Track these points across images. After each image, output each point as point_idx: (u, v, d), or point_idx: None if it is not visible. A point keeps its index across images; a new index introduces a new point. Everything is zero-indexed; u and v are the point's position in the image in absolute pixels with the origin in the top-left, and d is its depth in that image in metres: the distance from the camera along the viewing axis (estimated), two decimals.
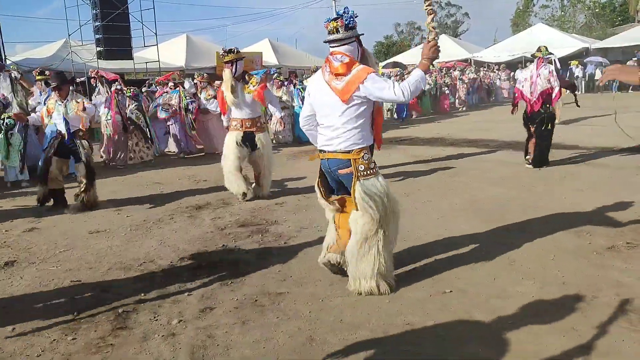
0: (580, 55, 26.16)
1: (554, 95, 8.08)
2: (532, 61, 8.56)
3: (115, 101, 10.22)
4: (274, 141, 11.62)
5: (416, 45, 41.19)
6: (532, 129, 8.29)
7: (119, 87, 10.69)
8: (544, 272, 4.06)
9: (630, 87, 22.80)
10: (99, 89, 11.86)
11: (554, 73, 8.17)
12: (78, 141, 6.56)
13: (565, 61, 23.82)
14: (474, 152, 10.31)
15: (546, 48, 8.44)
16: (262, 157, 6.95)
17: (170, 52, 21.39)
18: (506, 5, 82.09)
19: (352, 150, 3.66)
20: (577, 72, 24.81)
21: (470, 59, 28.14)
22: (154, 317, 3.58)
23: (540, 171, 8.02)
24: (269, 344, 3.16)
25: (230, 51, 6.80)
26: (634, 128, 8.47)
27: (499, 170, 8.27)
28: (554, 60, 8.47)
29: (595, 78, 25.34)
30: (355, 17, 3.69)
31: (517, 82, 8.86)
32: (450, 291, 3.78)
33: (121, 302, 3.83)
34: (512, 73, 23.75)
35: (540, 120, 8.14)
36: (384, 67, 26.61)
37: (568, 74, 23.46)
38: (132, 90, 10.66)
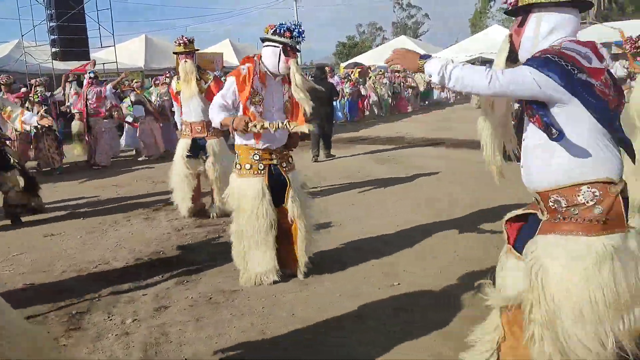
0: None
1: None
2: (490, 61, 8.87)
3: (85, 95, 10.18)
4: None
5: (377, 46, 41.65)
6: None
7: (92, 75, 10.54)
8: (487, 263, 4.25)
9: None
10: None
11: None
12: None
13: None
14: (431, 151, 10.59)
15: None
16: (212, 169, 5.94)
17: (129, 53, 21.09)
18: (466, 6, 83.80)
19: None
20: None
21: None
22: (108, 317, 3.61)
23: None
24: (221, 339, 3.25)
25: (190, 41, 5.92)
26: None
27: (454, 167, 8.52)
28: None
29: None
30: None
31: None
32: (399, 284, 3.94)
33: (75, 304, 3.84)
34: None
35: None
36: (345, 67, 26.91)
37: None
38: (39, 95, 10.23)
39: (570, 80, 1.95)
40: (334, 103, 12.91)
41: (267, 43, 3.92)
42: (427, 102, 23.18)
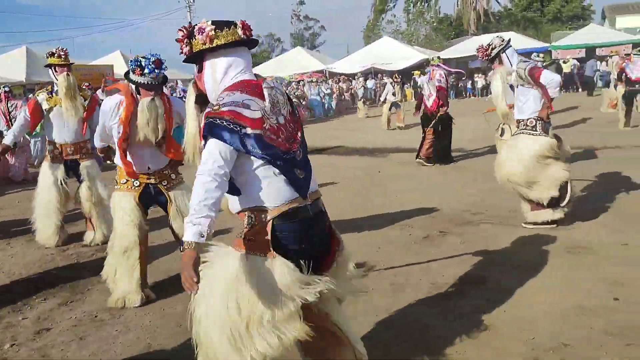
0: (423, 66, 28.61)
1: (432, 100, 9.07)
2: (382, 71, 9.52)
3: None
4: None
5: (277, 56, 42.01)
6: (429, 130, 9.15)
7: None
8: (368, 261, 4.57)
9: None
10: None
11: (444, 79, 9.18)
12: None
13: (409, 71, 25.94)
14: (324, 159, 10.97)
15: (439, 57, 9.59)
16: (88, 194, 5.40)
17: (8, 65, 19.74)
18: (361, 18, 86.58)
19: None
20: (420, 81, 27.11)
21: (325, 70, 29.47)
22: None
23: (378, 175, 8.80)
24: (105, 355, 3.25)
25: (65, 54, 5.35)
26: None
27: (343, 173, 8.91)
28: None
29: None
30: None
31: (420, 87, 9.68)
32: None
33: None
34: (370, 81, 25.44)
35: (439, 120, 9.05)
36: None
37: (412, 83, 25.56)
38: None
39: (237, 139, 2.07)
40: None
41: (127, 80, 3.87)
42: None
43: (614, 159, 8.18)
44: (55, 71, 5.35)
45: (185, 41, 2.27)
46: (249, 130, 2.09)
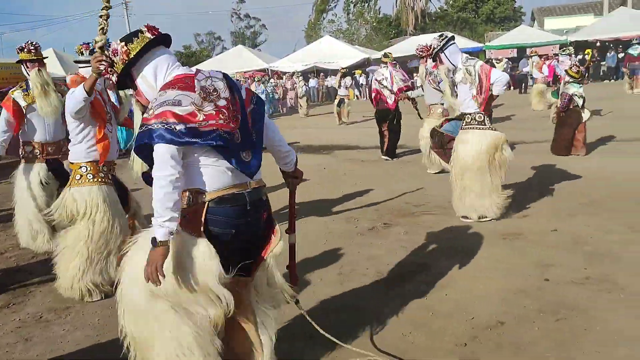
0: (363, 65, 29.11)
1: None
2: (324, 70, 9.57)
3: None
4: None
5: (217, 55, 41.53)
6: (385, 126, 9.34)
7: None
8: (315, 254, 4.69)
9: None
10: None
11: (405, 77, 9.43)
12: None
13: (350, 70, 26.35)
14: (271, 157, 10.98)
15: (391, 54, 9.75)
16: None
17: None
18: (304, 17, 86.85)
19: None
20: (362, 80, 27.60)
21: (268, 69, 29.44)
22: None
23: (323, 171, 8.95)
24: (53, 355, 3.20)
25: (36, 48, 4.95)
26: None
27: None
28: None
29: None
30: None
31: (375, 83, 9.56)
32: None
33: None
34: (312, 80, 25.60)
35: (392, 116, 9.26)
36: None
37: (353, 82, 25.95)
38: None
39: (176, 136, 2.14)
40: None
41: (81, 64, 4.15)
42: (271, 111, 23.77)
43: (544, 152, 8.68)
44: (27, 67, 5.00)
45: (110, 70, 2.42)
46: (182, 127, 2.15)
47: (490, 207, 5.27)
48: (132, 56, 2.33)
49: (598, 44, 25.60)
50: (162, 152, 2.14)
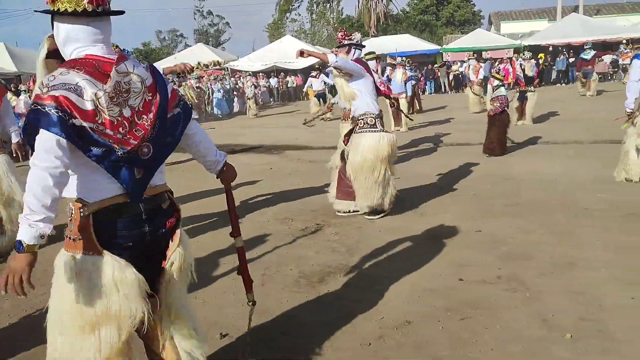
0: (324, 65, 29.19)
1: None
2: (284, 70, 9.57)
3: None
4: None
5: (180, 52, 40.99)
6: None
7: None
8: (248, 254, 4.69)
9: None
10: None
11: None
12: None
13: (308, 71, 26.37)
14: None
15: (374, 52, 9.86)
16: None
17: None
18: (266, 16, 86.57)
19: None
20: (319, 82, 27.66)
21: (227, 68, 29.21)
22: None
23: (269, 171, 8.95)
24: None
25: None
26: None
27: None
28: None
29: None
30: None
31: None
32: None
33: None
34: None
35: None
36: None
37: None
38: None
39: (66, 129, 1.87)
40: None
41: None
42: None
43: (478, 154, 8.89)
44: None
45: None
46: (77, 122, 1.89)
47: (382, 202, 5.51)
48: (55, 8, 2.00)
49: (551, 48, 26.40)
50: (48, 138, 1.85)
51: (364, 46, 5.89)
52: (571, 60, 24.24)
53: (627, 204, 5.48)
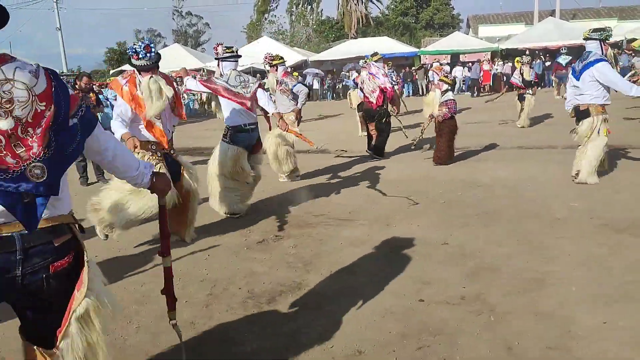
0: (301, 67, 28.90)
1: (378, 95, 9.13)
2: (260, 71, 9.38)
3: None
4: None
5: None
6: (373, 125, 9.30)
7: None
8: (192, 270, 4.33)
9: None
10: None
11: (384, 75, 9.35)
12: None
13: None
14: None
15: (378, 53, 9.71)
16: None
17: None
18: (246, 17, 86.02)
19: None
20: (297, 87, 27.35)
21: (204, 68, 28.71)
22: None
23: None
24: None
25: None
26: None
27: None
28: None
29: (314, 88, 28.36)
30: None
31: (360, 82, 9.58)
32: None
33: None
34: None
35: (379, 115, 9.17)
36: (112, 75, 25.44)
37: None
38: None
39: None
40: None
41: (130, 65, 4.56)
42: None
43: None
44: None
45: None
46: None
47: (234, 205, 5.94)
48: None
49: (527, 52, 26.41)
50: None
51: (238, 56, 5.99)
52: (547, 64, 24.28)
53: (601, 213, 5.23)
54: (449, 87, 8.58)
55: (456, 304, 3.47)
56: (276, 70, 7.92)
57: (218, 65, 6.03)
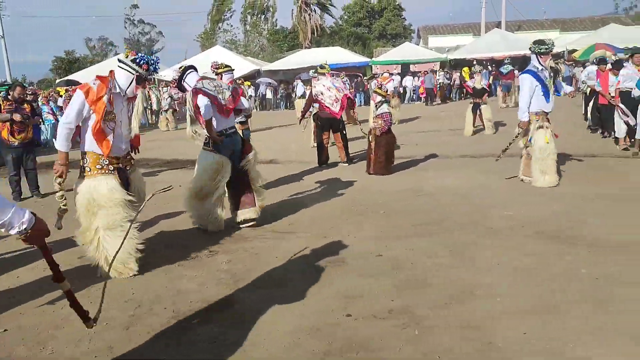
0: (254, 76, 28.76)
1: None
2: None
3: None
4: None
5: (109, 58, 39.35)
6: (329, 134, 9.40)
7: None
8: (119, 289, 4.14)
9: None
10: None
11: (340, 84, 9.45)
12: None
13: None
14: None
15: (327, 65, 9.73)
16: None
17: None
18: (200, 26, 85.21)
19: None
20: (250, 91, 27.16)
21: (155, 78, 28.19)
22: None
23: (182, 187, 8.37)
24: None
25: None
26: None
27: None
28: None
29: (267, 97, 28.30)
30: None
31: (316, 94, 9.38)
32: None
33: None
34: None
35: (343, 125, 9.29)
36: (57, 84, 24.65)
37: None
38: None
39: None
40: None
41: (123, 66, 4.40)
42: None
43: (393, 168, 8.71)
44: None
45: None
46: None
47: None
48: None
49: (475, 62, 27.12)
50: None
51: (191, 68, 5.83)
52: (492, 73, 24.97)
53: (533, 222, 5.34)
54: (383, 99, 8.62)
55: (383, 319, 3.43)
56: (221, 78, 7.81)
57: (183, 86, 5.81)
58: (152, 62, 4.48)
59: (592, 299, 3.54)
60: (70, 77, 28.03)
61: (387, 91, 8.83)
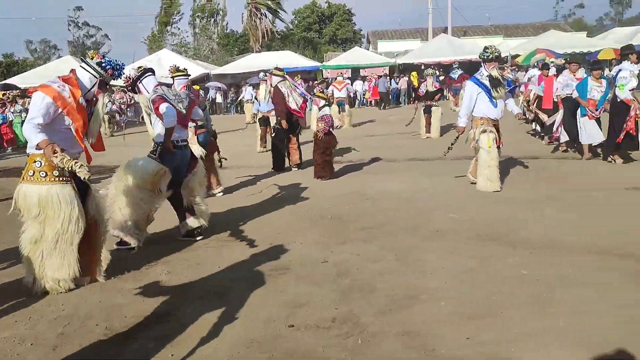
0: (204, 80, 28.26)
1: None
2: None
3: None
4: None
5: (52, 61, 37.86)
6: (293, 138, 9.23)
7: None
8: (46, 307, 3.89)
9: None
10: None
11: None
12: None
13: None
14: None
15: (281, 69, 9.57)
16: None
17: None
18: (147, 29, 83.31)
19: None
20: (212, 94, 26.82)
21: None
22: None
23: None
24: None
25: None
26: None
27: None
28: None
29: (217, 101, 27.90)
30: None
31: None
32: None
33: None
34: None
35: (300, 128, 9.21)
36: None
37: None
38: None
39: None
40: None
41: (87, 68, 4.16)
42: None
43: (341, 172, 8.67)
44: None
45: None
46: None
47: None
48: None
49: (423, 66, 27.60)
50: None
51: (150, 72, 5.55)
52: (442, 78, 25.45)
53: (478, 224, 5.39)
54: (326, 103, 8.73)
55: (326, 328, 3.34)
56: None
57: (138, 87, 5.50)
58: (117, 67, 4.28)
59: (533, 301, 3.56)
60: (7, 81, 26.70)
61: (332, 94, 8.83)
